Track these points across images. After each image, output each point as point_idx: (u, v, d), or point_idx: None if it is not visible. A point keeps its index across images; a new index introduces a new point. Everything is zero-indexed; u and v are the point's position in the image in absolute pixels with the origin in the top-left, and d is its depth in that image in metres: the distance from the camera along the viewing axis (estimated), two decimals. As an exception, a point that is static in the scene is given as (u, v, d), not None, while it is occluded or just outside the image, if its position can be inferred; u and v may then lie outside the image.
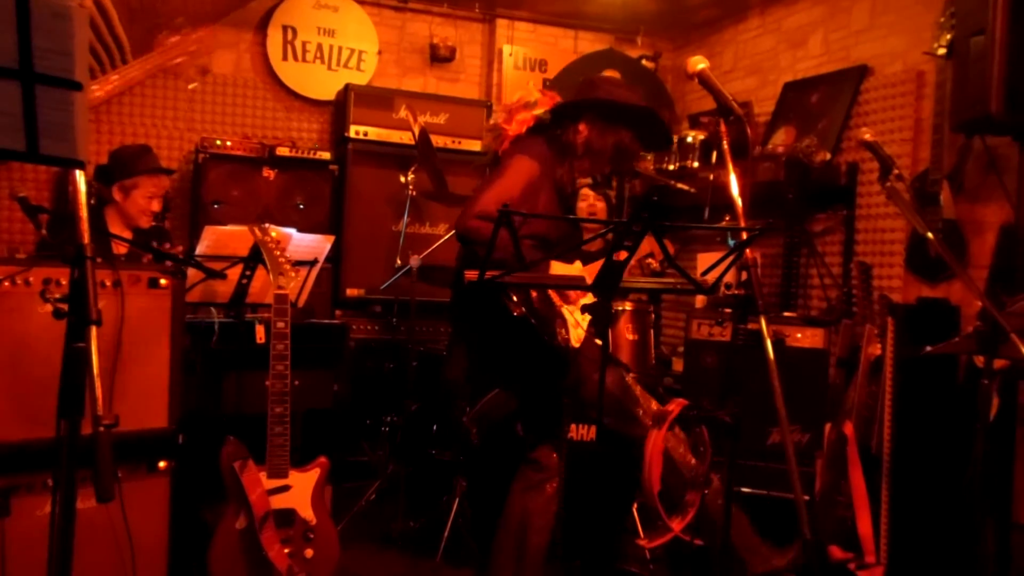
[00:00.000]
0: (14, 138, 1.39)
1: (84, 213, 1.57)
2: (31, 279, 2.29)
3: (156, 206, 3.59)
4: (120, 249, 3.43)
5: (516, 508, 2.82)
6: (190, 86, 2.58)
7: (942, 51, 3.32)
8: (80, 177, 1.59)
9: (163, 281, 2.56)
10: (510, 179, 2.65)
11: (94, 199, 3.54)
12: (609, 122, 2.79)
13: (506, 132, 2.77)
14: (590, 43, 5.62)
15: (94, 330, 1.51)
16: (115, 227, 3.51)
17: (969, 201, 3.49)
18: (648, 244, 3.31)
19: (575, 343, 2.69)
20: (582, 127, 2.79)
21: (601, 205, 4.01)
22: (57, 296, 1.57)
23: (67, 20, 1.40)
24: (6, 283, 2.26)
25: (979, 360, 2.76)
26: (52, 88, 1.40)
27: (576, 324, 2.71)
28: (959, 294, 3.38)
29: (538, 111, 2.77)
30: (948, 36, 3.26)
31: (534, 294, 2.63)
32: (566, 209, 2.93)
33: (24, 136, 1.39)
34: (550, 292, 2.65)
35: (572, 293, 2.69)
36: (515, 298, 2.60)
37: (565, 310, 2.69)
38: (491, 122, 2.85)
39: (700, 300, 4.29)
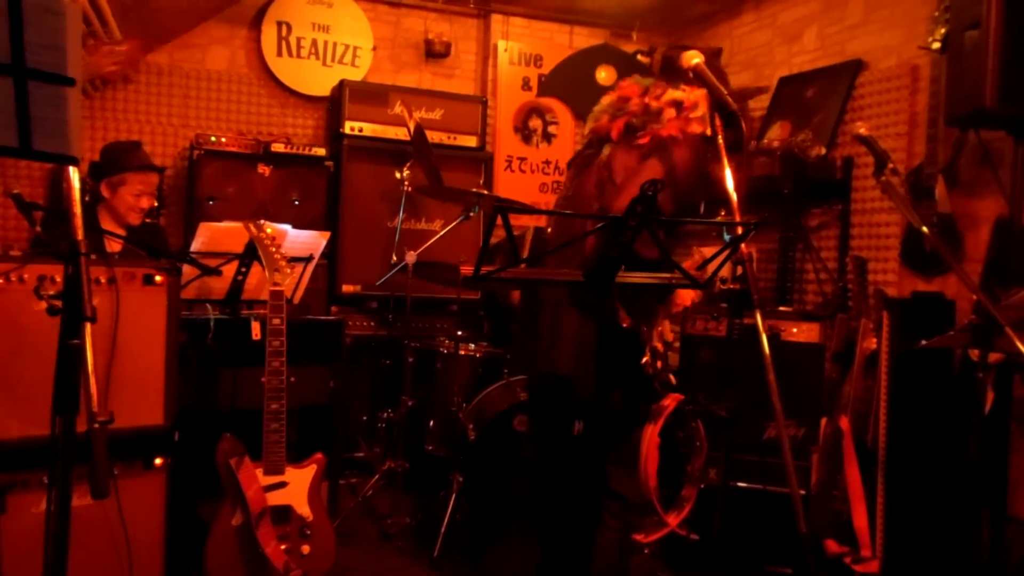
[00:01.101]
0: (7, 134, 1.38)
1: (78, 210, 1.56)
2: (25, 276, 2.29)
3: (145, 203, 3.57)
4: (114, 246, 3.42)
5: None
6: None
7: (937, 45, 3.32)
8: (74, 173, 1.58)
9: (158, 278, 2.55)
10: (681, 177, 2.48)
11: (88, 196, 3.53)
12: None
13: (661, 129, 2.53)
14: (585, 38, 5.61)
15: (89, 327, 1.50)
16: (108, 224, 3.49)
17: (964, 195, 3.50)
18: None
19: (650, 371, 2.64)
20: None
21: None
22: (51, 293, 1.56)
23: (60, 15, 1.39)
24: (0, 280, 2.25)
25: (974, 354, 2.77)
26: (45, 84, 1.40)
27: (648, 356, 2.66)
28: (954, 288, 3.39)
29: (708, 130, 2.46)
30: (943, 30, 3.26)
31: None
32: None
33: (17, 132, 1.39)
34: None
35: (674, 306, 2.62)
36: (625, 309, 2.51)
37: (656, 334, 2.63)
38: (631, 104, 2.57)
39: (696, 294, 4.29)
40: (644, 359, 2.61)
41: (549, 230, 2.99)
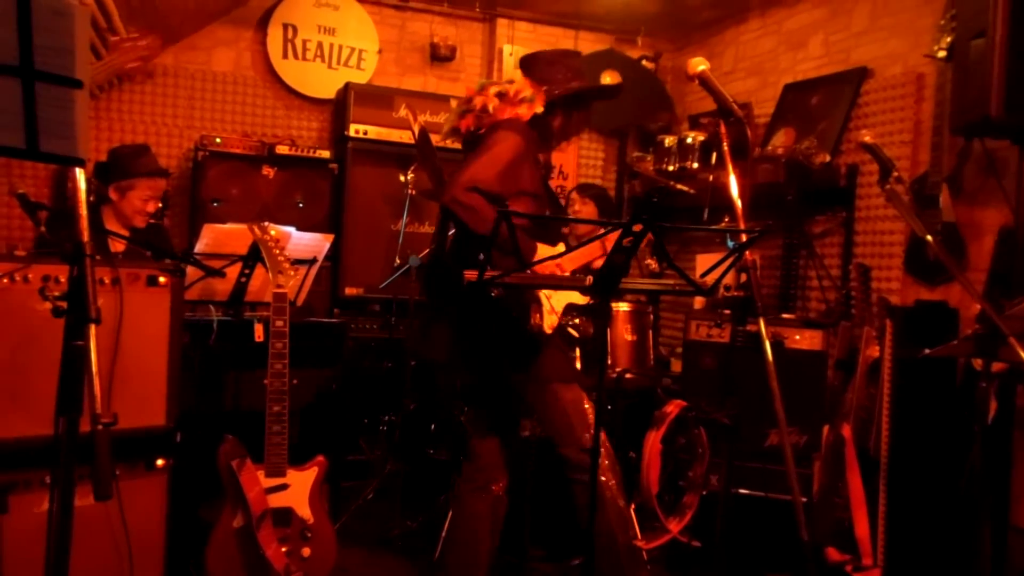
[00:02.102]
0: (14, 135, 1.39)
1: (84, 211, 1.57)
2: (30, 276, 2.29)
3: (152, 207, 3.59)
4: (117, 247, 3.43)
5: (465, 512, 2.85)
6: None
7: (942, 54, 3.32)
8: (80, 175, 1.59)
9: (162, 279, 2.56)
10: (497, 152, 2.64)
11: (93, 196, 3.54)
12: (582, 107, 2.95)
13: (494, 117, 2.77)
14: (590, 43, 5.62)
15: (93, 328, 1.51)
16: (112, 225, 3.50)
17: (968, 204, 3.50)
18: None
19: (547, 329, 2.70)
20: (574, 116, 2.93)
21: (590, 208, 4.03)
22: (56, 294, 1.56)
23: (68, 18, 1.40)
24: (5, 280, 2.25)
25: (977, 363, 2.77)
26: (52, 86, 1.40)
27: (551, 310, 2.71)
28: (958, 297, 3.38)
29: (538, 109, 2.79)
30: (948, 39, 3.26)
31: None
32: (545, 184, 2.98)
33: (24, 133, 1.39)
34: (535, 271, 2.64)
35: (563, 265, 2.68)
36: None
37: (542, 295, 2.69)
38: (473, 102, 2.84)
39: (699, 301, 4.29)
40: (533, 320, 2.68)
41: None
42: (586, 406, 2.74)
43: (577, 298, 2.79)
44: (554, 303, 2.72)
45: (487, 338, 2.73)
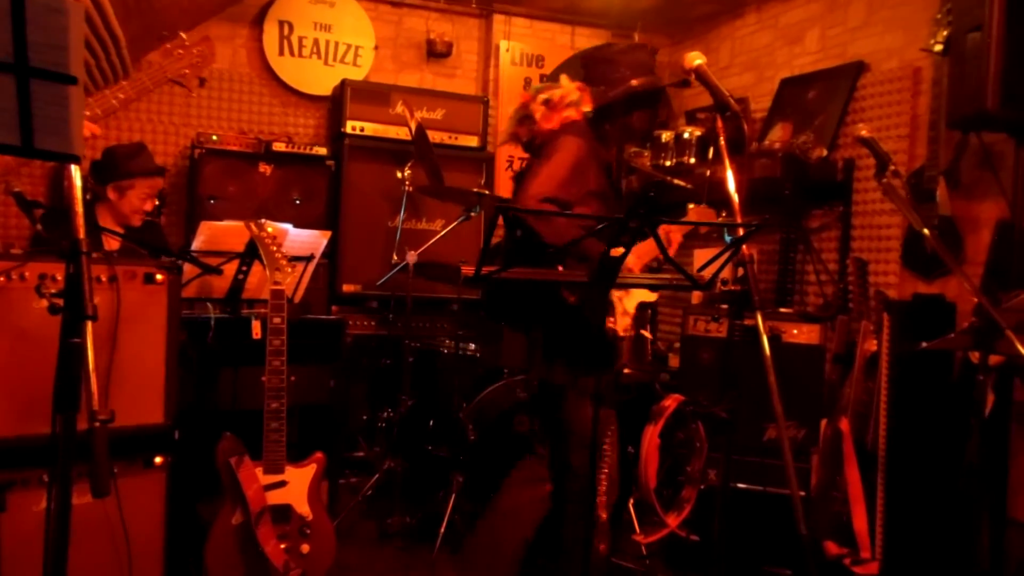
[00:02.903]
0: (9, 132, 1.38)
1: (79, 208, 1.56)
2: (26, 274, 2.28)
3: (149, 206, 3.59)
4: (112, 244, 3.42)
5: (512, 493, 2.85)
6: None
7: (939, 47, 3.32)
8: (75, 172, 1.58)
9: (159, 276, 2.55)
10: (559, 160, 2.70)
11: (89, 194, 3.53)
12: (645, 105, 2.94)
13: (542, 125, 2.84)
14: (587, 39, 5.61)
15: (90, 325, 1.50)
16: (107, 223, 3.49)
17: (965, 198, 3.50)
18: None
19: (621, 332, 2.72)
20: (635, 115, 2.92)
21: None
22: (52, 291, 1.56)
23: (63, 14, 1.39)
24: (1, 278, 2.25)
25: (974, 356, 2.77)
26: (47, 83, 1.40)
27: (624, 312, 2.73)
28: (955, 290, 3.38)
29: (585, 108, 2.83)
30: (945, 32, 3.26)
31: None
32: (614, 186, 3.02)
33: (19, 130, 1.39)
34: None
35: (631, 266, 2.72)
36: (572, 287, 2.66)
37: (615, 297, 2.71)
38: (527, 109, 2.90)
39: (696, 296, 4.29)
40: (609, 323, 2.73)
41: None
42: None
43: (647, 296, 2.82)
44: (627, 304, 2.75)
45: (564, 343, 2.75)
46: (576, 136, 2.74)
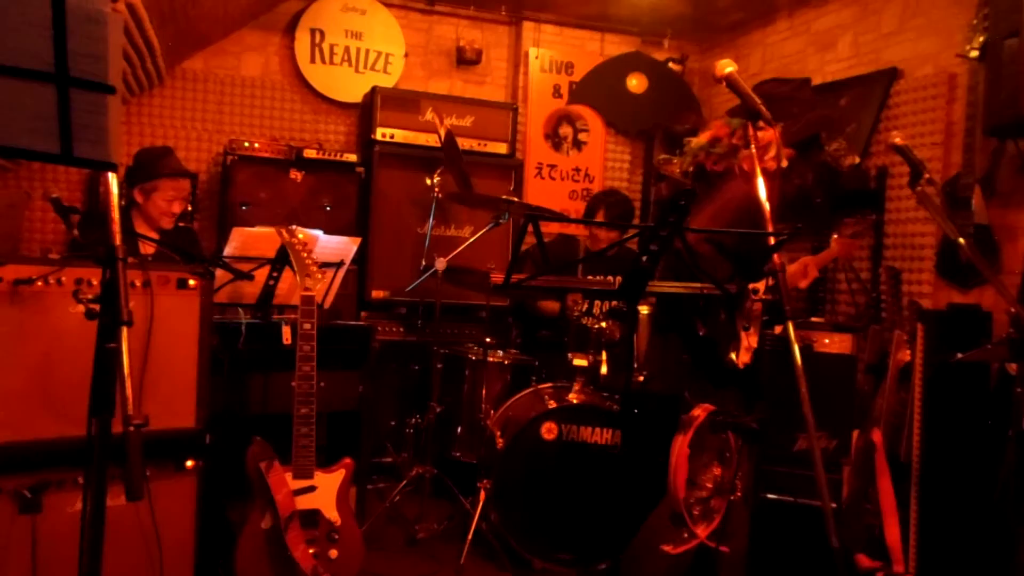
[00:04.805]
0: (49, 141, 1.40)
1: (116, 215, 1.58)
2: (63, 279, 2.32)
3: (177, 208, 3.63)
4: (147, 249, 3.47)
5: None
6: None
7: (974, 53, 3.27)
8: (112, 179, 1.60)
9: (192, 282, 2.58)
10: (724, 204, 2.80)
11: (124, 200, 3.58)
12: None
13: (738, 164, 2.89)
14: (616, 46, 5.61)
15: (125, 331, 1.52)
16: (141, 228, 3.55)
17: (1002, 206, 3.44)
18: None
19: (740, 365, 2.74)
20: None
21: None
22: (89, 297, 1.58)
23: (102, 25, 1.41)
24: (39, 283, 2.29)
25: (1012, 367, 2.72)
26: (86, 92, 1.42)
27: (748, 348, 2.75)
28: (991, 300, 3.33)
29: (783, 164, 2.89)
30: (981, 38, 3.22)
31: (723, 316, 2.77)
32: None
33: (58, 139, 1.41)
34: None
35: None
36: (704, 318, 2.79)
37: (742, 331, 2.74)
38: (722, 143, 2.95)
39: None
40: (730, 355, 2.76)
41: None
42: None
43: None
44: (751, 340, 2.76)
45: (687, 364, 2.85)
46: (745, 183, 2.77)
